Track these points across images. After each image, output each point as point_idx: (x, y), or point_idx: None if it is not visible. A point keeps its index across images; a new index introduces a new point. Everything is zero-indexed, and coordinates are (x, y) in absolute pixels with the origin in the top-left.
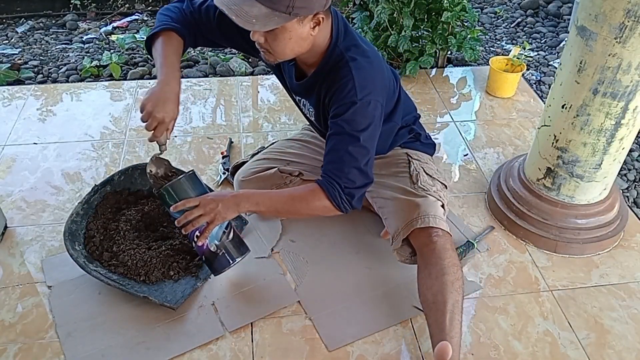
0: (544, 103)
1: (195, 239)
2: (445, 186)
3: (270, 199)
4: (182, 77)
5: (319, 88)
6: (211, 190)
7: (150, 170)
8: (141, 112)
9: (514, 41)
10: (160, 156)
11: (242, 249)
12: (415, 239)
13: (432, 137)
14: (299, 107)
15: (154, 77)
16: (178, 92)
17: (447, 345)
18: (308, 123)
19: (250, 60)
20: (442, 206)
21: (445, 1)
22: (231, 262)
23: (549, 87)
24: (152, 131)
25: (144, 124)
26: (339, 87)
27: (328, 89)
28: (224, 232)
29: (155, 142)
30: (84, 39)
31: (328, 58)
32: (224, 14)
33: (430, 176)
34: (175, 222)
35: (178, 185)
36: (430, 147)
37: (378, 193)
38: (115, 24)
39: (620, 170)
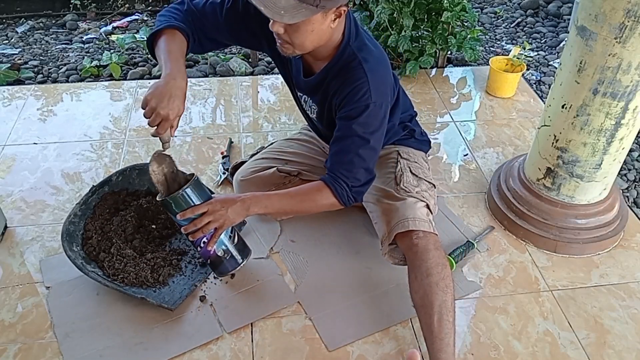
0: (544, 103)
1: (202, 245)
2: (434, 185)
3: (279, 201)
4: None
5: (326, 86)
6: (212, 193)
7: (153, 170)
8: (144, 107)
9: (514, 41)
10: (164, 152)
11: (246, 252)
12: (400, 244)
13: (432, 137)
14: (298, 102)
15: (154, 77)
16: (184, 88)
17: (413, 353)
18: (306, 122)
19: (250, 60)
20: (428, 206)
21: (445, 1)
22: (237, 265)
23: (549, 87)
24: (155, 127)
25: (146, 122)
26: (353, 89)
27: (338, 89)
28: (230, 237)
29: (158, 138)
30: (84, 39)
31: (340, 55)
32: (231, 9)
33: (416, 176)
34: (182, 230)
35: (184, 195)
36: (425, 143)
37: (366, 197)
38: (115, 24)
39: (620, 170)
